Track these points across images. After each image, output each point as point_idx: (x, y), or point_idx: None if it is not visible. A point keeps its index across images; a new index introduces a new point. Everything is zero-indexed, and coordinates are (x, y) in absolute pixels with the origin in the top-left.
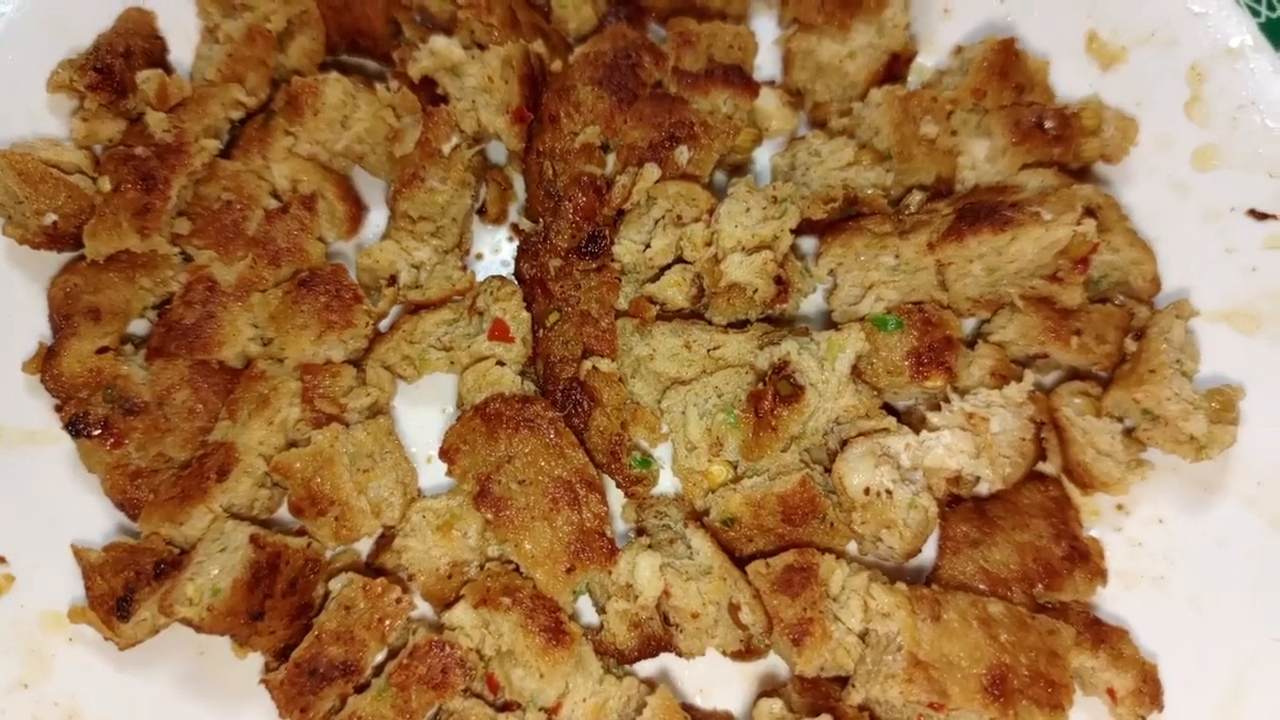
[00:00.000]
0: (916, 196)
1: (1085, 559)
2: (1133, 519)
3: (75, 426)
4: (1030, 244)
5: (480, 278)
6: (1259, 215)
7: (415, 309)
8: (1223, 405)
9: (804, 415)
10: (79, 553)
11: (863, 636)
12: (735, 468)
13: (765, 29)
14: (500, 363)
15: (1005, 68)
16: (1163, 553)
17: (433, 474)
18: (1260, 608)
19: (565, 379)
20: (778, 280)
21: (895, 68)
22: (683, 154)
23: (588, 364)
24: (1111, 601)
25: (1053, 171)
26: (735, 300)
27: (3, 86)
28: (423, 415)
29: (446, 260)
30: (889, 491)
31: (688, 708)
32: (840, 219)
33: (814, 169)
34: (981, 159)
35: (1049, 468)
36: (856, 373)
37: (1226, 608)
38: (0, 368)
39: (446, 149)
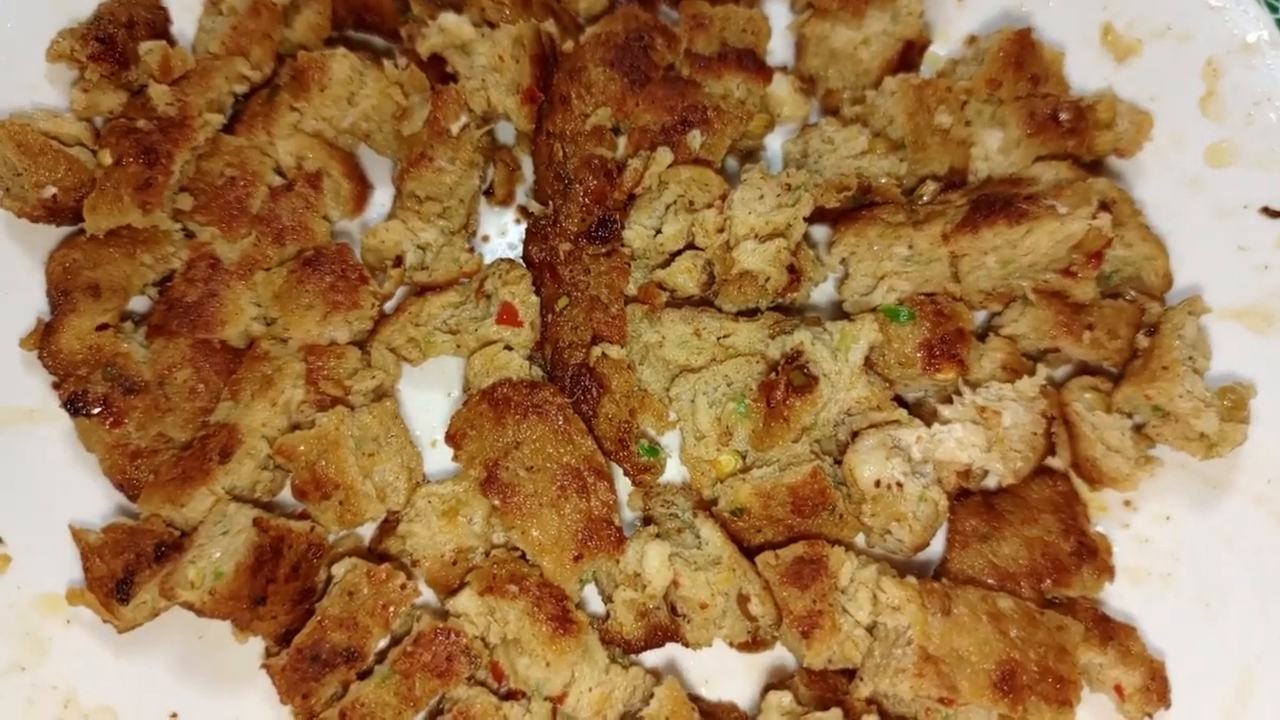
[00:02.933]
0: (930, 187)
1: (1093, 555)
2: (1140, 515)
3: (74, 405)
4: (1045, 237)
5: (487, 260)
6: (1272, 213)
7: (421, 291)
8: (1234, 403)
9: (817, 406)
10: (77, 534)
11: (870, 629)
12: (744, 458)
13: (777, 14)
14: (508, 347)
15: (1021, 58)
16: (1170, 550)
17: (437, 459)
18: (1268, 606)
19: (574, 365)
20: (790, 269)
21: (909, 56)
22: (695, 138)
23: (597, 350)
24: (1119, 598)
25: (1067, 165)
26: (746, 288)
27: (1, 55)
28: (427, 399)
29: (453, 242)
30: (899, 484)
31: (693, 698)
32: (852, 208)
33: (827, 157)
34: (995, 150)
35: (1057, 462)
36: (868, 364)
37: (1234, 605)
38: None
39: (455, 129)
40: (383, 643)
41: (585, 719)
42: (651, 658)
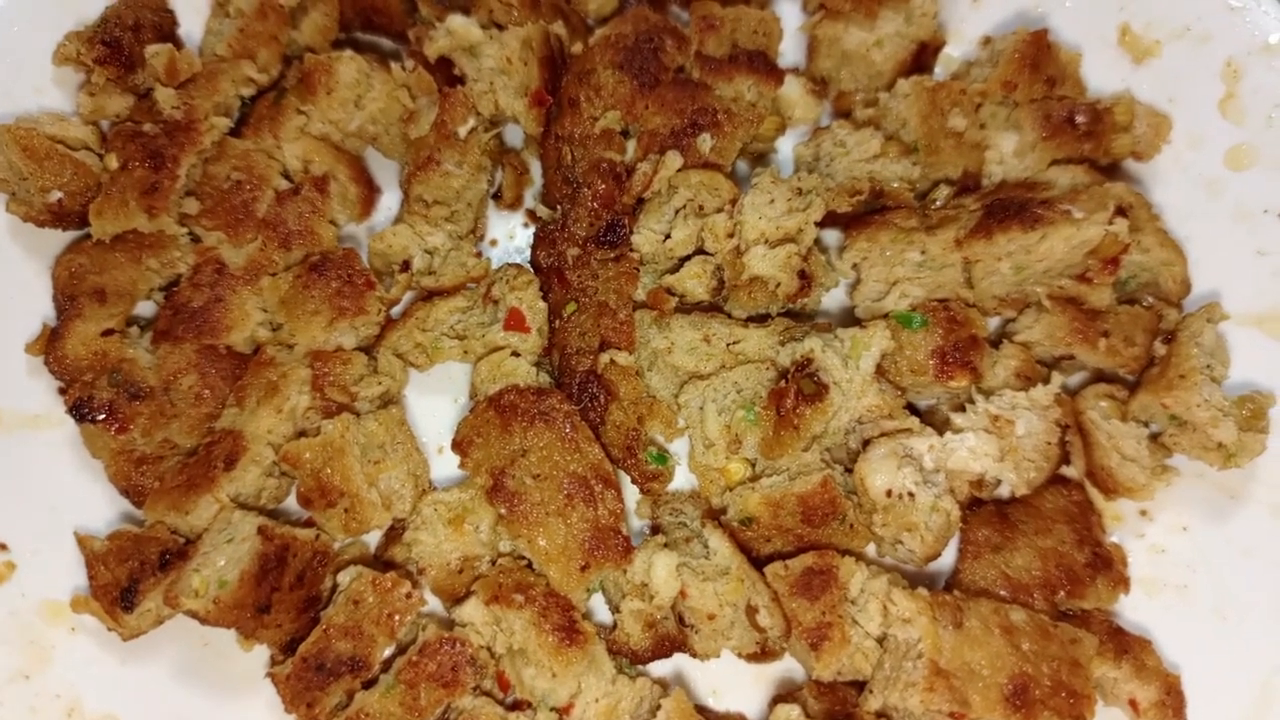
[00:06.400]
0: (943, 191)
1: (1108, 566)
2: (1156, 526)
3: (80, 410)
4: (1061, 243)
5: (494, 264)
6: None
7: (428, 296)
8: (1253, 412)
9: (827, 414)
10: (82, 541)
11: (881, 641)
12: (753, 466)
13: (789, 15)
14: (515, 353)
15: (1037, 60)
16: (1186, 561)
17: (443, 466)
18: None
19: (581, 371)
20: (801, 274)
21: (923, 58)
22: (705, 142)
23: (605, 357)
24: (1134, 610)
25: (1083, 168)
26: (756, 293)
27: (7, 58)
28: (434, 405)
29: (461, 246)
30: (911, 494)
31: (700, 709)
32: (865, 212)
33: (839, 160)
34: (1009, 153)
35: (1071, 471)
36: (880, 371)
37: (1251, 618)
38: (2, 349)
39: (463, 132)
40: (388, 652)
41: None
42: (659, 668)
